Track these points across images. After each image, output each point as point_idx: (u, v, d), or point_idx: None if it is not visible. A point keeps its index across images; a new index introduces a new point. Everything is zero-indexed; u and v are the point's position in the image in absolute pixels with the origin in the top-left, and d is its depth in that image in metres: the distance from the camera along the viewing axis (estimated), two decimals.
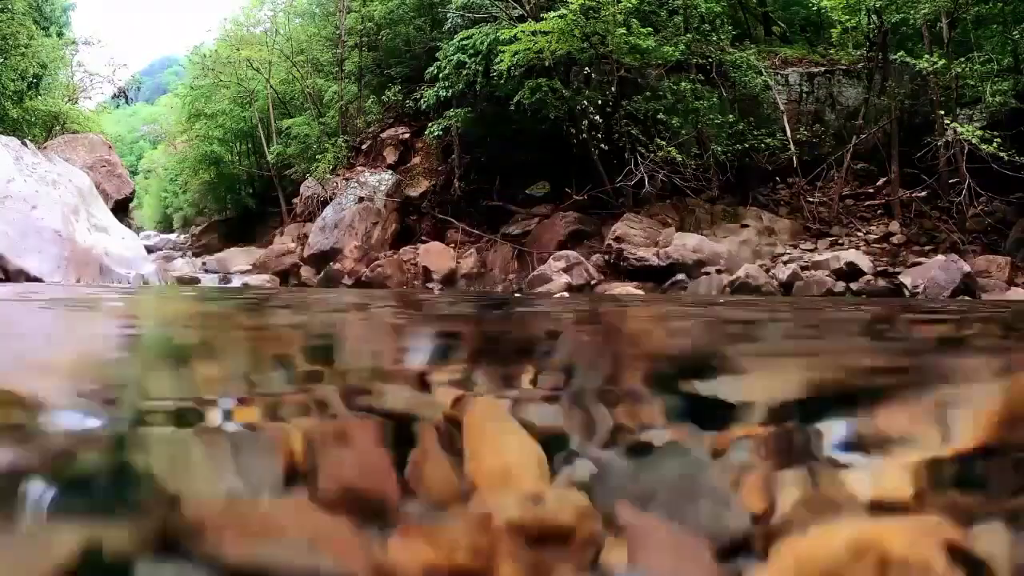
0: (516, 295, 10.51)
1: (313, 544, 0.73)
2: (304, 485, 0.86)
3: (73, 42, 24.28)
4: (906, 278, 10.07)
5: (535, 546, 0.70)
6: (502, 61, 12.97)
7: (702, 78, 13.74)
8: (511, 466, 0.90)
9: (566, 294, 9.87)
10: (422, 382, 1.55)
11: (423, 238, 15.54)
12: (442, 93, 14.74)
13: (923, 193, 12.37)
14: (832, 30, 14.08)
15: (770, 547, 0.68)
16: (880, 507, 0.90)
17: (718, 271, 11.26)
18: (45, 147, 15.16)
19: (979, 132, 10.48)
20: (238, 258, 17.63)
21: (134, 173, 35.55)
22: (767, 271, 11.12)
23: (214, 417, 1.12)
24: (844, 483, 0.95)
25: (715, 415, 1.16)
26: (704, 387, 1.47)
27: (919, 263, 10.58)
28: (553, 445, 0.98)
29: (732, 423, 1.10)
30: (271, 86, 22.34)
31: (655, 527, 0.74)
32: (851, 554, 0.69)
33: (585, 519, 0.73)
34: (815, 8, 14.23)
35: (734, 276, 10.85)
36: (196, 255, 20.77)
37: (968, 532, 0.82)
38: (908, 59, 11.63)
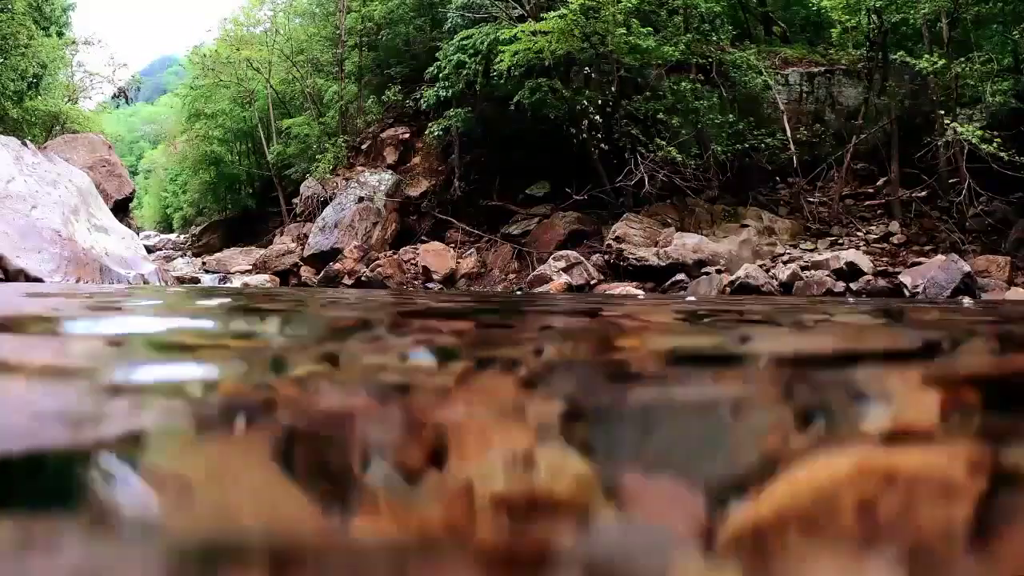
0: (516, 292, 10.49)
1: None
2: None
3: (73, 42, 24.28)
4: (906, 278, 10.07)
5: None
6: (502, 61, 12.97)
7: (702, 78, 13.74)
8: None
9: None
10: None
11: (423, 238, 15.53)
12: (442, 93, 14.75)
13: (923, 193, 12.37)
14: (832, 30, 14.08)
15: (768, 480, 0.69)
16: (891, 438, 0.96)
17: (718, 271, 11.25)
18: (45, 147, 15.14)
19: (979, 132, 10.47)
20: (238, 258, 17.63)
21: (134, 173, 35.58)
22: (767, 271, 11.11)
23: None
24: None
25: None
26: None
27: (919, 263, 10.58)
28: None
29: None
30: (271, 86, 22.35)
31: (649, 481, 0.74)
32: (850, 476, 0.70)
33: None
34: (815, 8, 14.24)
35: (734, 276, 10.85)
36: (196, 255, 20.76)
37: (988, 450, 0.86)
38: (908, 59, 11.63)
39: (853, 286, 10.34)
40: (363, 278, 13.91)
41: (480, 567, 0.56)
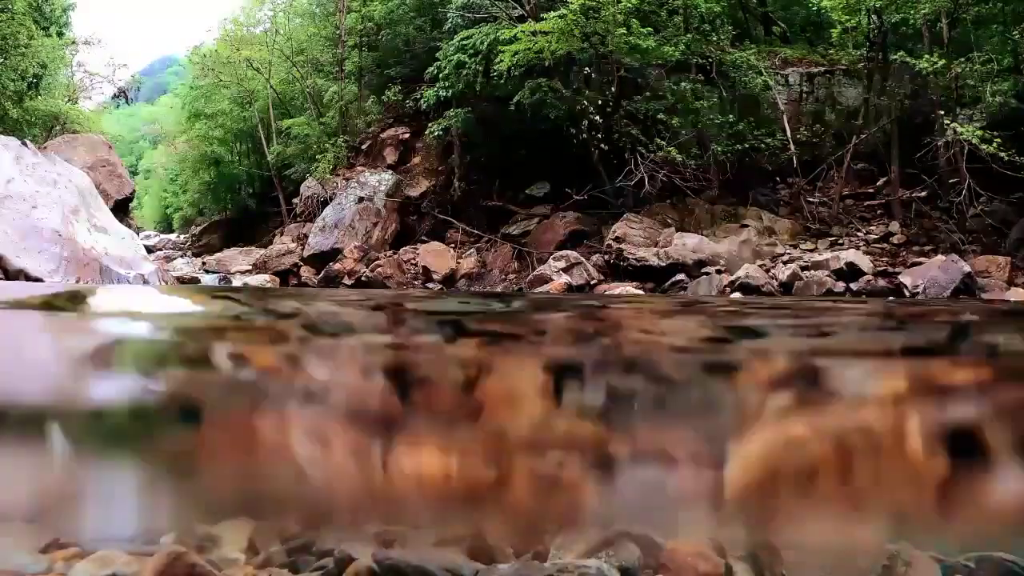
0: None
1: None
2: None
3: (73, 42, 24.22)
4: (906, 278, 10.07)
5: None
6: (502, 61, 12.97)
7: (702, 78, 13.74)
8: None
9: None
10: None
11: (423, 238, 15.53)
12: (442, 93, 14.74)
13: (923, 193, 12.37)
14: (832, 30, 14.05)
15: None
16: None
17: (718, 271, 11.26)
18: (45, 147, 15.13)
19: (979, 132, 10.47)
20: (238, 258, 17.61)
21: (134, 173, 35.55)
22: (767, 271, 11.12)
23: None
24: None
25: None
26: None
27: (919, 263, 10.58)
28: None
29: None
30: (271, 86, 22.32)
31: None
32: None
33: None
34: (815, 8, 14.22)
35: (734, 276, 10.85)
36: (196, 255, 20.75)
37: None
38: (908, 59, 11.62)
39: (853, 286, 10.35)
40: (363, 278, 13.92)
41: None
